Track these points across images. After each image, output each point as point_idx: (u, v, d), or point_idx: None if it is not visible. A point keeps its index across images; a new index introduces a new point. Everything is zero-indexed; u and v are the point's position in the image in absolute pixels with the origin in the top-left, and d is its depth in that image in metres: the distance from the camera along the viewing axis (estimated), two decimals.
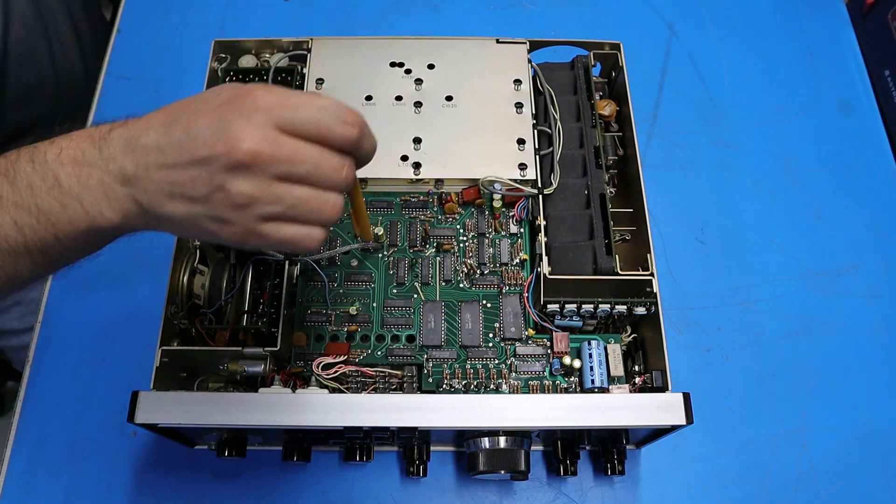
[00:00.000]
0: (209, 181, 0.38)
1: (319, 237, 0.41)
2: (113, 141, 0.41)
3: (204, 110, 0.39)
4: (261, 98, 0.38)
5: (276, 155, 0.38)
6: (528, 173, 0.62)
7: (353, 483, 0.62)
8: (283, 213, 0.39)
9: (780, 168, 0.80)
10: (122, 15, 0.88)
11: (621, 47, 0.69)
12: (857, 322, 0.71)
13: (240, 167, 0.37)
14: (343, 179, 0.40)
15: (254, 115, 0.38)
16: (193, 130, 0.38)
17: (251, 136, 0.37)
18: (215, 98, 0.40)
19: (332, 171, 0.40)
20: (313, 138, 0.39)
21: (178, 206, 0.39)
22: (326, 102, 0.40)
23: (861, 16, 0.89)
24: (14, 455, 0.63)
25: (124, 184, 0.40)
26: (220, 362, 0.56)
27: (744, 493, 0.63)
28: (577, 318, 0.60)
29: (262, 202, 0.38)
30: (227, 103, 0.39)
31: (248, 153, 0.37)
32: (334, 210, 0.41)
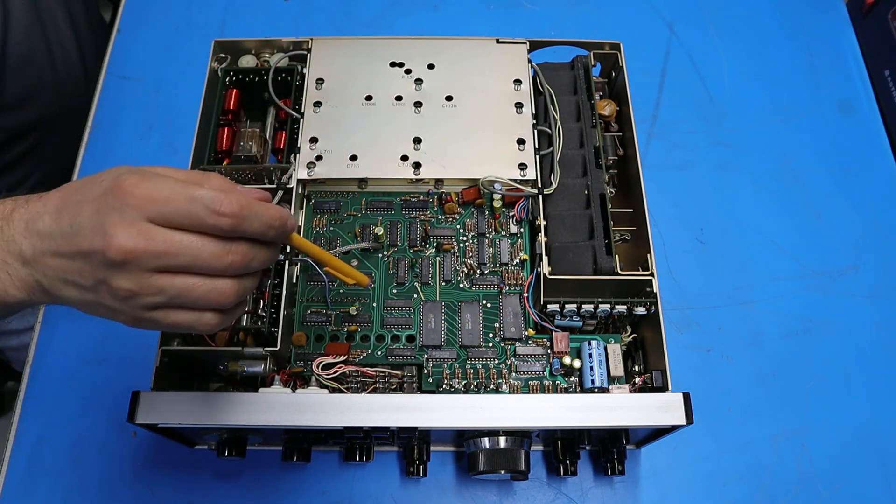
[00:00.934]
0: (92, 274, 0.39)
1: (213, 321, 0.41)
2: (14, 221, 0.41)
3: (87, 199, 0.39)
4: (130, 193, 0.38)
5: (150, 250, 0.37)
6: (528, 173, 0.62)
7: (353, 483, 0.62)
8: (169, 302, 0.39)
9: (780, 168, 0.80)
10: (122, 15, 0.88)
11: (621, 47, 0.69)
12: (857, 322, 0.71)
13: (115, 264, 0.37)
14: (229, 265, 0.39)
15: (126, 211, 0.37)
16: (76, 221, 0.39)
17: (122, 234, 0.37)
18: (98, 186, 0.39)
19: (213, 259, 0.39)
20: (187, 228, 0.38)
21: (71, 292, 0.40)
22: (199, 193, 0.38)
23: (861, 16, 0.89)
24: (14, 455, 0.63)
25: (24, 265, 0.41)
26: (220, 362, 0.56)
27: (744, 493, 0.63)
28: (577, 318, 0.60)
29: (144, 294, 0.38)
30: (104, 195, 0.38)
31: (120, 251, 0.37)
32: (223, 296, 0.40)
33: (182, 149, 0.77)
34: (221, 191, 0.39)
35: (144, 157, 0.78)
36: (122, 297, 0.39)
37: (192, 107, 0.64)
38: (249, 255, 0.40)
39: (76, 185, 0.41)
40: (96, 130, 0.80)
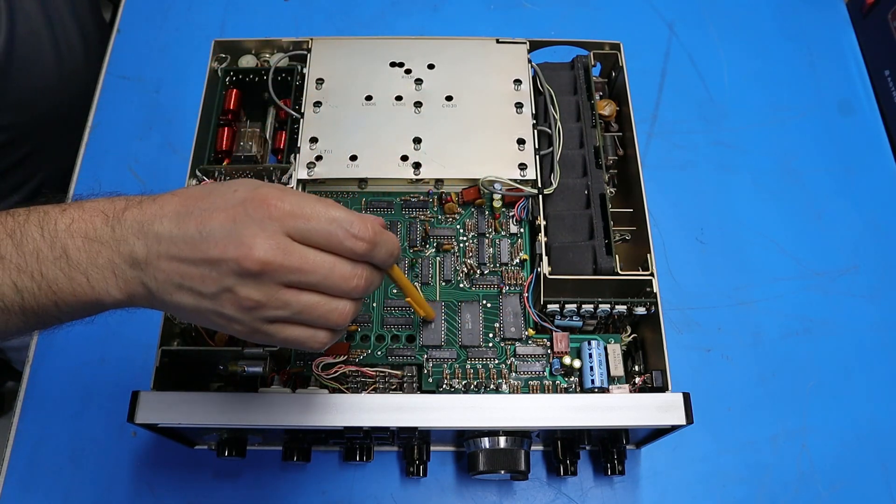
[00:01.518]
0: (218, 282, 0.38)
1: (325, 339, 0.41)
2: (126, 222, 0.41)
3: (219, 208, 0.39)
4: (275, 206, 0.38)
5: (286, 264, 0.38)
6: (528, 173, 0.62)
7: (353, 483, 0.62)
8: (290, 318, 0.40)
9: (780, 168, 0.80)
10: (122, 15, 0.88)
11: (621, 47, 0.69)
12: (857, 322, 0.71)
13: (249, 274, 0.38)
14: (353, 288, 0.40)
15: (267, 223, 0.38)
16: (207, 229, 0.39)
17: (262, 246, 0.38)
18: (231, 196, 0.40)
19: (341, 281, 0.40)
20: (323, 248, 0.39)
21: (185, 298, 0.40)
22: (338, 214, 0.39)
23: (861, 16, 0.89)
24: (14, 455, 0.63)
25: (133, 267, 0.40)
26: (220, 362, 0.56)
27: (744, 493, 0.63)
28: (577, 318, 0.60)
29: (269, 307, 0.39)
30: (241, 205, 0.39)
31: (258, 262, 0.37)
32: (342, 317, 0.41)
33: (182, 149, 0.77)
34: (357, 216, 0.40)
35: (144, 157, 0.78)
36: (246, 307, 0.39)
37: (192, 107, 0.65)
38: (370, 279, 0.41)
39: (199, 191, 0.41)
40: (96, 130, 0.80)
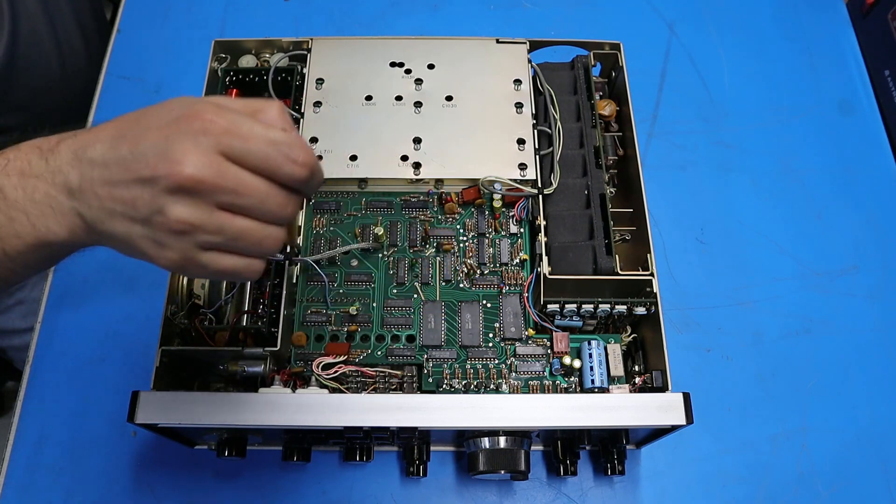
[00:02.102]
0: (150, 203, 0.37)
1: (259, 268, 0.40)
2: (61, 153, 0.39)
3: (152, 127, 0.37)
4: (210, 120, 0.36)
5: (220, 184, 0.36)
6: (528, 173, 0.62)
7: (353, 483, 0.62)
8: (223, 244, 0.38)
9: (780, 168, 0.80)
10: (122, 15, 0.88)
11: (621, 47, 0.69)
12: (857, 322, 0.71)
13: (180, 191, 0.36)
14: (288, 215, 0.39)
15: (200, 139, 0.36)
16: (139, 148, 0.37)
17: (194, 162, 0.36)
18: (165, 115, 0.38)
19: (277, 207, 0.38)
20: (260, 171, 0.37)
21: (118, 225, 0.38)
22: (279, 137, 0.38)
23: (861, 16, 0.89)
24: (14, 455, 0.63)
25: (69, 197, 0.39)
26: (220, 362, 0.56)
27: (744, 493, 0.63)
28: (577, 318, 0.60)
29: (203, 230, 0.37)
30: (175, 122, 0.37)
31: (189, 178, 0.36)
32: (276, 243, 0.39)
33: None
34: (297, 138, 0.38)
35: None
36: (177, 229, 0.37)
37: None
38: (299, 207, 0.40)
39: (135, 115, 0.39)
40: None
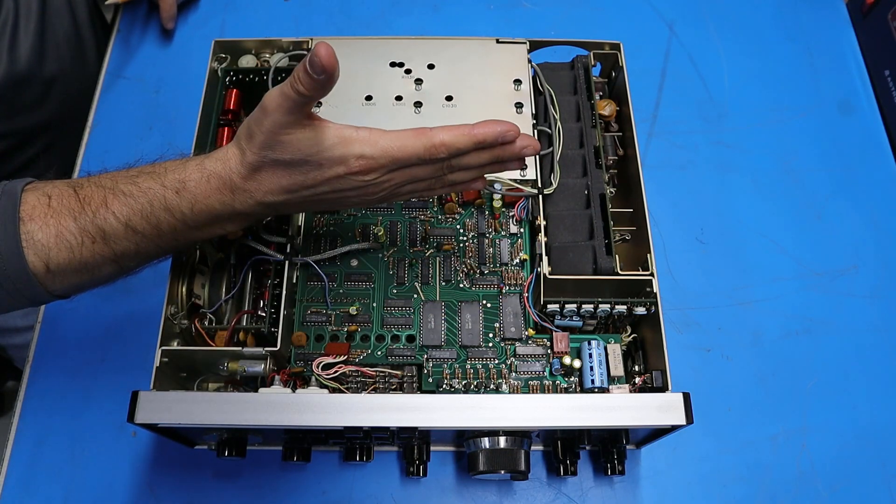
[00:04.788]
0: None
1: None
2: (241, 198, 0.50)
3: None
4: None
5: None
6: (528, 173, 0.62)
7: (353, 483, 0.62)
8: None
9: (780, 168, 0.80)
10: (122, 15, 0.88)
11: (621, 47, 0.69)
12: (857, 322, 0.71)
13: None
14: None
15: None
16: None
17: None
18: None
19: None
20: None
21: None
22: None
23: (861, 16, 0.89)
24: (14, 455, 0.63)
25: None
26: (220, 362, 0.56)
27: (744, 493, 0.63)
28: (577, 318, 0.60)
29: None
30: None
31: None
32: None
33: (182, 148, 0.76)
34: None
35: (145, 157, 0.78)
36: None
37: (192, 107, 0.64)
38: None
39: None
40: (96, 130, 0.80)
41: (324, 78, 0.43)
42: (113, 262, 0.50)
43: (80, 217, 0.48)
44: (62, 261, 0.48)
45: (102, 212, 0.48)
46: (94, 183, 0.50)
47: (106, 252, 0.49)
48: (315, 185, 0.48)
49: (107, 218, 0.48)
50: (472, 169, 0.50)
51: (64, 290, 0.51)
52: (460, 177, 0.51)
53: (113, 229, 0.48)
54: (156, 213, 0.49)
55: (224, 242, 0.62)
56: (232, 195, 0.49)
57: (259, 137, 0.46)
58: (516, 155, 0.50)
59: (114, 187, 0.49)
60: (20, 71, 0.79)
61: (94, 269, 0.50)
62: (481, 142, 0.48)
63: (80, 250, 0.48)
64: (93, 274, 0.50)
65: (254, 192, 0.48)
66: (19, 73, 0.78)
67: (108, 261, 0.50)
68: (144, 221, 0.49)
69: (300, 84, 0.44)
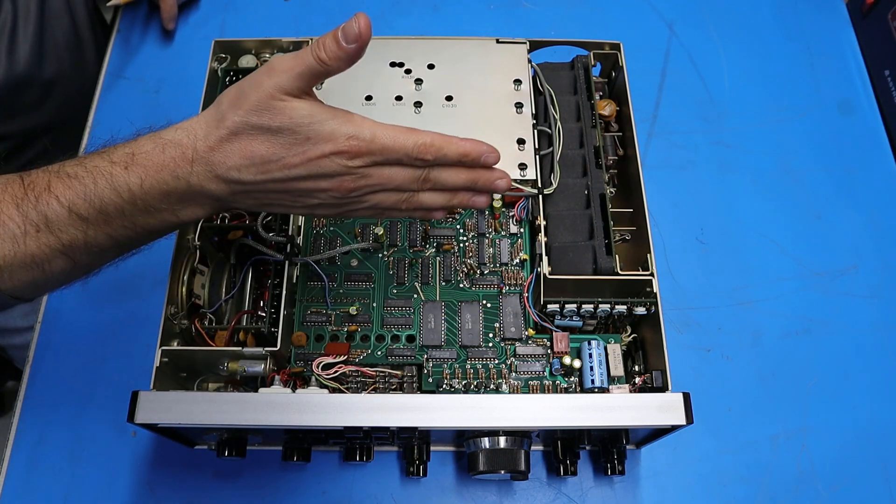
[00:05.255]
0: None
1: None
2: (196, 171, 0.46)
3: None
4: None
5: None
6: (528, 173, 0.62)
7: (353, 483, 0.62)
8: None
9: (780, 168, 0.80)
10: (122, 15, 0.89)
11: (621, 47, 0.69)
12: (857, 322, 0.71)
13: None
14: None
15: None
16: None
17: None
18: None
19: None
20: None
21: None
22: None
23: (861, 16, 0.89)
24: (14, 455, 0.63)
25: (218, 201, 0.48)
26: (220, 362, 0.56)
27: (744, 493, 0.63)
28: (577, 318, 0.60)
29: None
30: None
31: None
32: None
33: None
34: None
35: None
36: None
37: (192, 107, 0.64)
38: None
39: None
40: (96, 130, 0.80)
41: (353, 48, 0.43)
42: (63, 255, 0.46)
43: (23, 203, 0.44)
44: (7, 253, 0.45)
45: (45, 196, 0.44)
46: (44, 169, 0.46)
47: (52, 243, 0.45)
48: (293, 165, 0.44)
49: (49, 203, 0.44)
50: (444, 191, 0.49)
51: (17, 288, 0.47)
52: (430, 198, 0.49)
53: (56, 215, 0.44)
54: (100, 194, 0.45)
55: (224, 242, 0.62)
56: (190, 167, 0.45)
57: (252, 98, 0.43)
58: (490, 184, 0.50)
59: (59, 170, 0.46)
60: (19, 73, 0.79)
61: (43, 264, 0.46)
62: (466, 154, 0.47)
63: (25, 241, 0.45)
64: (43, 269, 0.46)
65: (218, 164, 0.44)
66: (18, 75, 0.79)
67: (56, 253, 0.46)
68: (88, 204, 0.45)
69: (324, 51, 0.43)
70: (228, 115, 0.44)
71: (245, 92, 0.44)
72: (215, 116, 0.45)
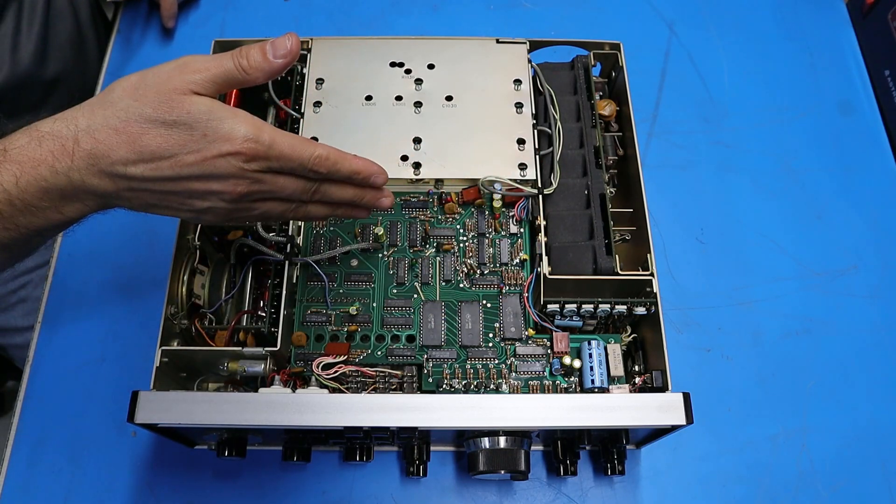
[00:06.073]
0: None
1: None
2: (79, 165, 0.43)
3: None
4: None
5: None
6: (528, 173, 0.62)
7: (353, 483, 0.62)
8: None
9: (780, 168, 0.80)
10: (122, 15, 0.89)
11: (621, 47, 0.69)
12: (857, 322, 0.71)
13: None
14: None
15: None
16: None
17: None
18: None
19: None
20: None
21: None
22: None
23: (861, 16, 0.89)
24: (14, 455, 0.63)
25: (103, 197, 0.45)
26: (220, 362, 0.56)
27: (744, 493, 0.63)
28: (577, 318, 0.60)
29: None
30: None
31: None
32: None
33: None
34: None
35: None
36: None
37: None
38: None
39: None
40: None
41: (279, 63, 0.43)
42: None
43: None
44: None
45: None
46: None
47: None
48: (185, 164, 0.41)
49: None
50: (329, 204, 0.49)
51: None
52: (315, 210, 0.49)
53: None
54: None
55: (224, 242, 0.62)
56: (70, 161, 0.41)
57: (153, 90, 0.41)
58: (372, 201, 0.50)
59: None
60: (22, 72, 0.79)
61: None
62: (357, 172, 0.47)
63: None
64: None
65: (102, 157, 0.41)
66: (21, 75, 0.79)
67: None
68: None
69: (247, 60, 0.43)
70: (119, 103, 0.41)
71: (147, 83, 0.42)
72: (102, 105, 0.42)
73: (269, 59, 0.43)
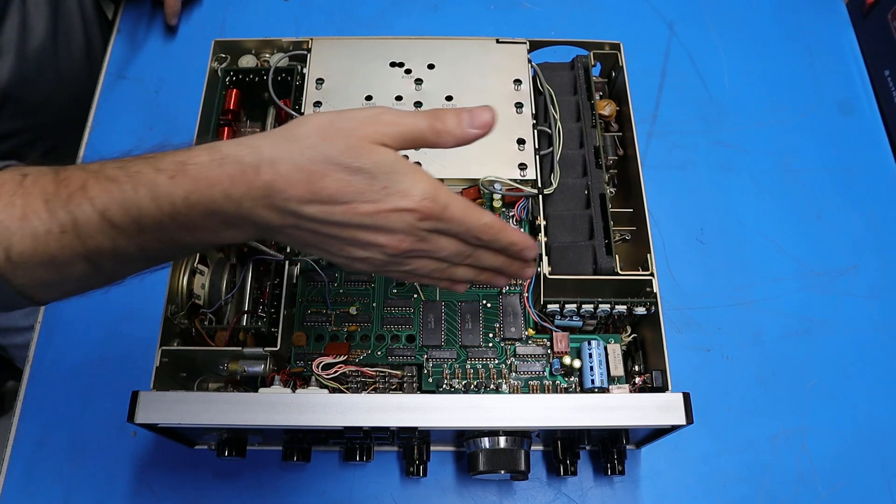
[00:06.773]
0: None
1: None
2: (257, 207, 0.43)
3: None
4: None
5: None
6: (528, 173, 0.62)
7: (353, 483, 0.62)
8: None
9: (780, 168, 0.80)
10: (122, 15, 0.89)
11: (621, 47, 0.69)
12: (857, 322, 0.71)
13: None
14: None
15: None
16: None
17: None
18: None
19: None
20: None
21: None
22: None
23: (861, 16, 0.89)
24: (14, 455, 0.63)
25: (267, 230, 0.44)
26: (220, 362, 0.56)
27: (744, 493, 0.63)
28: (577, 318, 0.60)
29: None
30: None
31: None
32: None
33: None
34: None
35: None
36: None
37: (192, 107, 0.65)
38: None
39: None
40: (96, 130, 0.80)
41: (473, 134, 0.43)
42: (84, 260, 0.42)
43: (53, 200, 0.41)
44: (25, 249, 0.41)
45: (78, 197, 0.41)
46: (81, 166, 0.43)
47: (76, 246, 0.41)
48: (359, 213, 0.41)
49: (81, 204, 0.41)
50: (476, 268, 0.47)
51: (29, 286, 0.43)
52: (462, 272, 0.47)
53: (87, 219, 0.41)
54: (139, 202, 0.41)
55: None
56: (246, 189, 0.40)
57: (344, 134, 0.40)
58: (517, 272, 0.49)
59: (99, 170, 0.42)
60: (29, 70, 0.79)
61: (63, 266, 0.42)
62: (514, 244, 0.46)
63: (47, 239, 0.41)
64: (62, 271, 0.43)
65: (280, 192, 0.40)
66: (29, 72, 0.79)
67: (78, 257, 0.42)
68: (123, 212, 0.41)
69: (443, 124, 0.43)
70: (306, 141, 0.41)
71: (337, 126, 0.41)
72: (288, 138, 0.41)
73: (463, 127, 0.43)
